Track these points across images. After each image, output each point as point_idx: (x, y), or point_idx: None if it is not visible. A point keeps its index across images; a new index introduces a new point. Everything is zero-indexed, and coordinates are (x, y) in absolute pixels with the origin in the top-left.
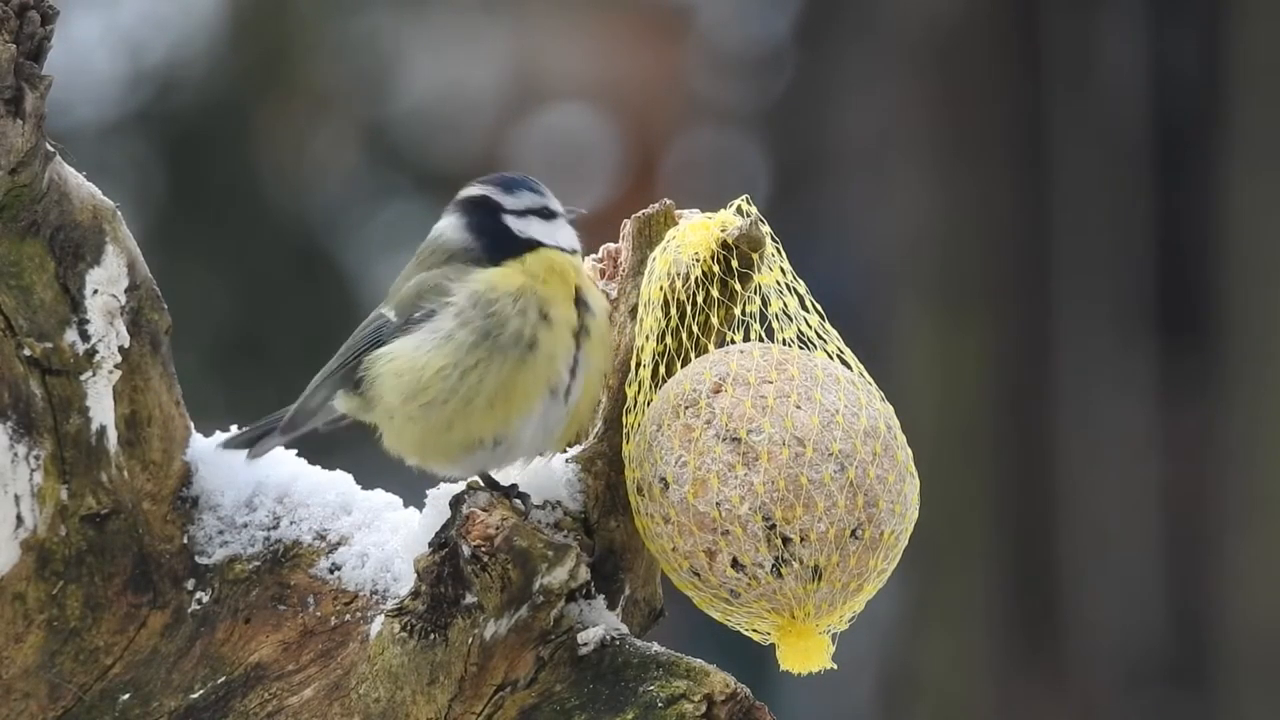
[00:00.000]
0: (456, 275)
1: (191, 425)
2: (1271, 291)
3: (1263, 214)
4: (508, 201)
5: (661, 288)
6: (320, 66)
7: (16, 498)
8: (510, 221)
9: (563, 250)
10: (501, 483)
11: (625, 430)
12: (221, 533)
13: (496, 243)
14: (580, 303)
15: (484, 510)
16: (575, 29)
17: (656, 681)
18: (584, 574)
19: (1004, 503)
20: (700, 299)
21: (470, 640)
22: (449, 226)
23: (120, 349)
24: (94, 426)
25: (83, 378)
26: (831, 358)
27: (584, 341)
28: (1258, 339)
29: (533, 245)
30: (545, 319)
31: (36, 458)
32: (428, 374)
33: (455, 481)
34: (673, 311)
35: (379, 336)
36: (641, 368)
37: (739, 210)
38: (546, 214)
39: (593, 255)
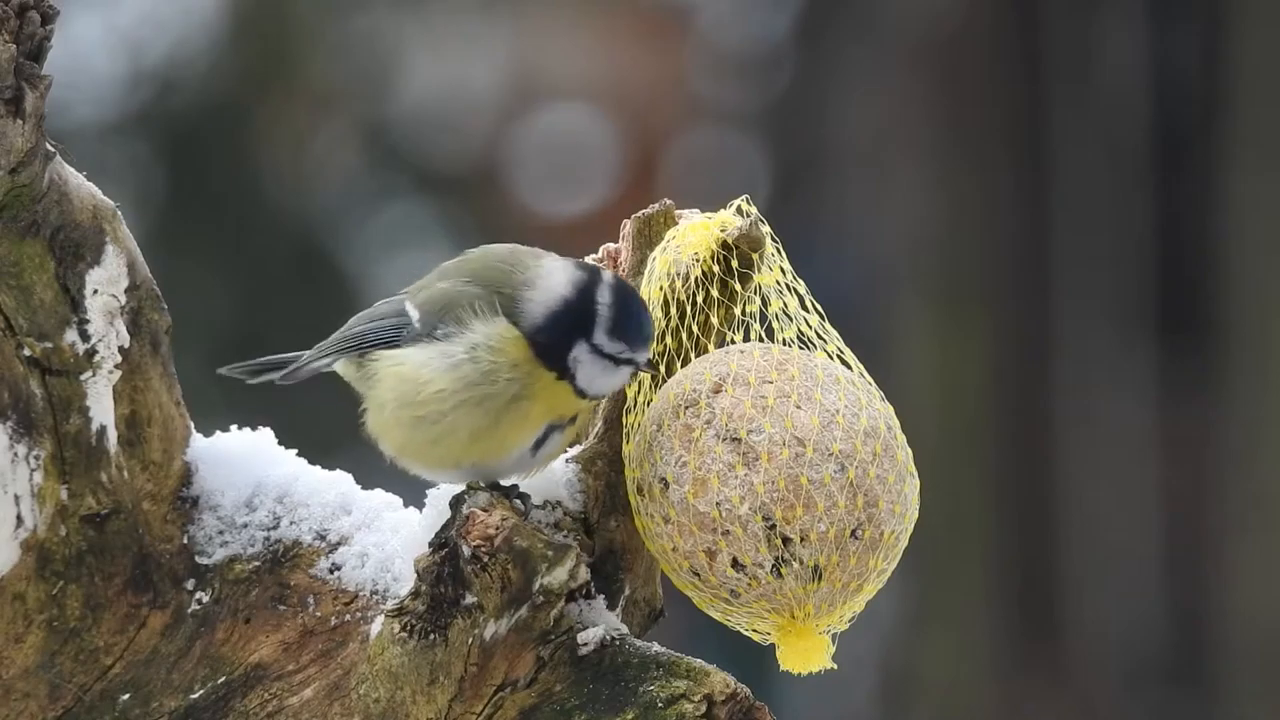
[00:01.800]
0: (487, 311)
1: (191, 425)
2: (1271, 291)
3: (1263, 214)
4: (600, 341)
5: (661, 288)
6: (320, 66)
7: (16, 498)
8: (577, 352)
9: (582, 394)
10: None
11: (625, 430)
12: (221, 533)
13: (549, 346)
14: (558, 427)
15: (484, 510)
16: (575, 29)
17: (656, 681)
18: (584, 574)
19: (1004, 503)
20: (700, 299)
21: (470, 640)
22: (533, 295)
23: (120, 349)
24: (94, 426)
25: (83, 378)
26: (831, 358)
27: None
28: (1258, 339)
29: (563, 374)
30: (514, 399)
31: (36, 458)
32: (427, 391)
33: (455, 481)
34: (673, 311)
35: (397, 337)
36: (656, 356)
37: (739, 210)
38: (620, 362)
39: (593, 255)
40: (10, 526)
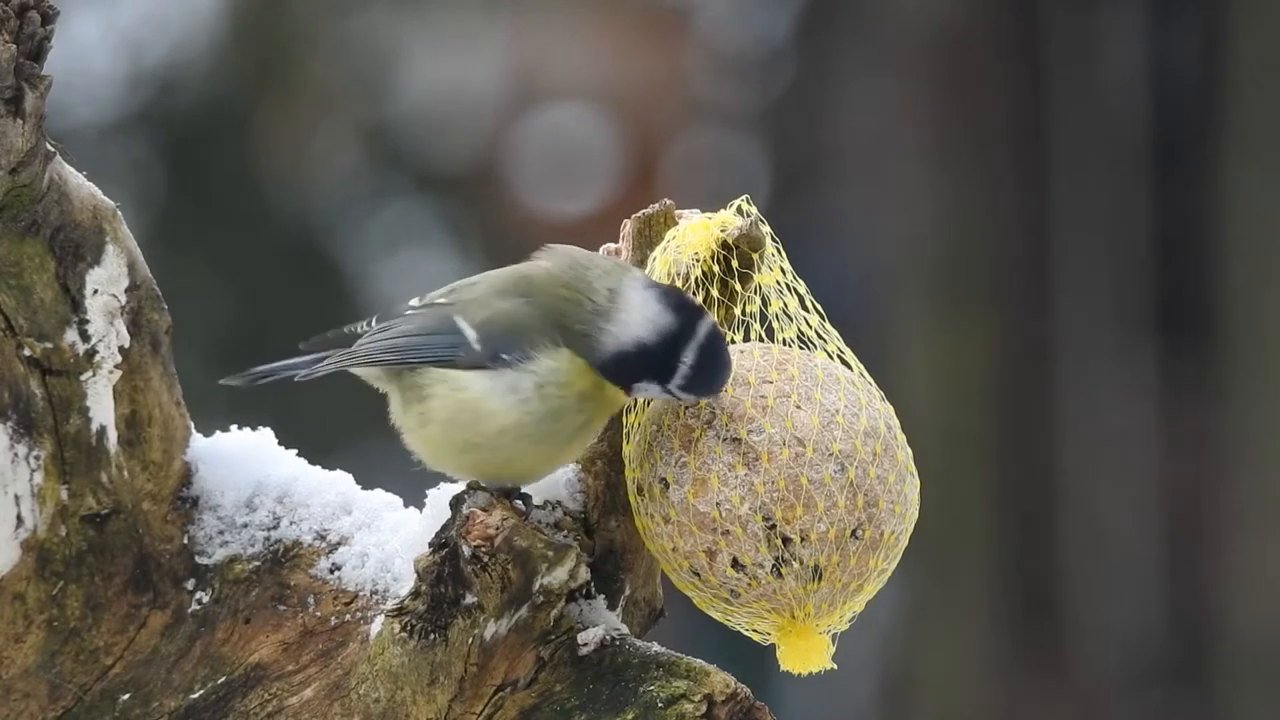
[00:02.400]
0: (551, 339)
1: (191, 425)
2: (1271, 291)
3: (1263, 214)
4: (674, 389)
5: None
6: (320, 66)
7: (16, 498)
8: (644, 383)
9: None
10: None
11: (625, 430)
12: (221, 533)
13: (618, 374)
14: None
15: (484, 510)
16: (575, 29)
17: (656, 681)
18: (584, 574)
19: (1004, 503)
20: (700, 299)
21: (470, 640)
22: (619, 321)
23: (120, 349)
24: (94, 426)
25: (83, 378)
26: (831, 358)
27: None
28: (1258, 339)
29: (628, 390)
30: (585, 425)
31: (36, 458)
32: (489, 426)
33: (455, 481)
34: None
35: (453, 356)
36: None
37: (739, 210)
38: (670, 392)
39: None
40: (10, 526)
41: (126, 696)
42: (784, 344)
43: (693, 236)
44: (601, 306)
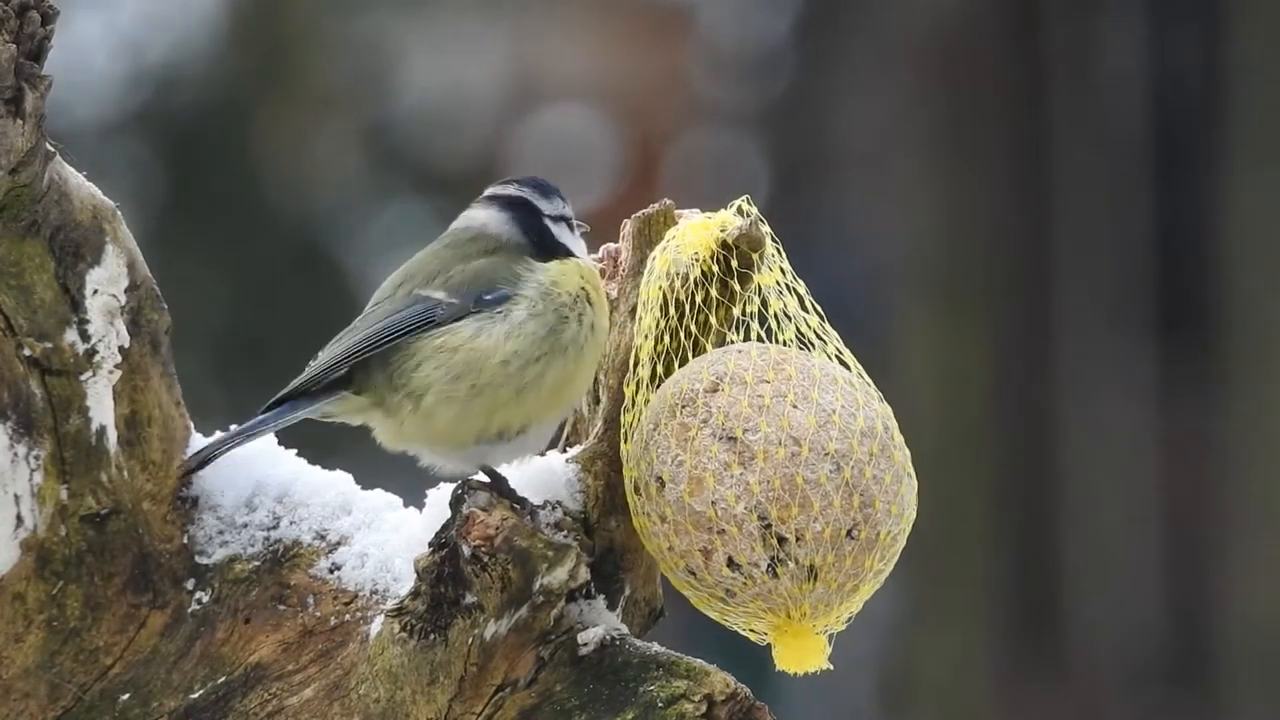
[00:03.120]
0: (520, 266)
1: (191, 425)
2: (1271, 291)
3: (1263, 214)
4: (544, 206)
5: (661, 288)
6: (320, 66)
7: (16, 498)
8: (549, 225)
9: (588, 262)
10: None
11: (623, 429)
12: (221, 533)
13: (542, 243)
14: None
15: (484, 510)
16: (575, 29)
17: (656, 681)
18: (584, 574)
19: (1004, 503)
20: (699, 299)
21: (470, 640)
22: (492, 220)
23: (120, 349)
24: (94, 426)
25: (83, 378)
26: (830, 358)
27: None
28: (1258, 339)
29: (567, 253)
30: (592, 328)
31: (36, 458)
32: (492, 361)
33: (455, 482)
34: (672, 311)
35: (431, 318)
36: (640, 367)
37: (739, 210)
38: (570, 225)
39: (593, 255)
40: (10, 526)
41: (126, 696)
42: (783, 344)
43: (693, 236)
44: (486, 223)
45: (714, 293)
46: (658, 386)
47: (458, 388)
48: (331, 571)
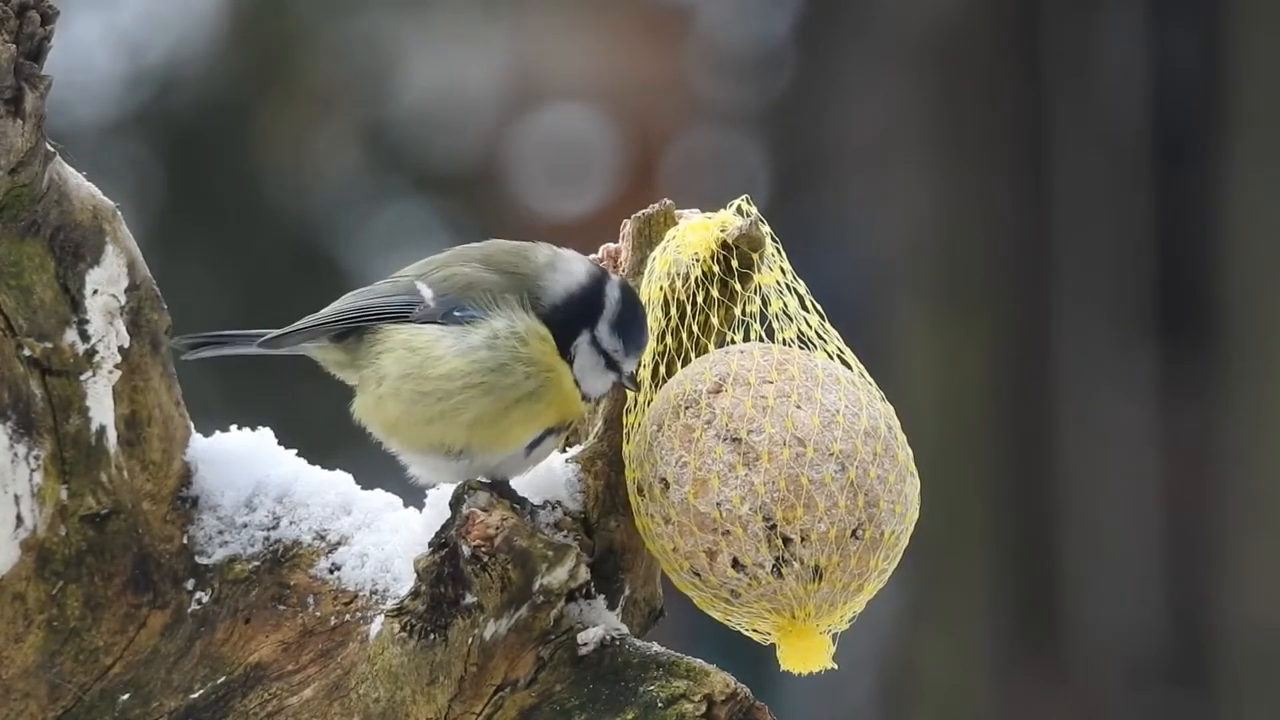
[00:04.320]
0: (509, 301)
1: (191, 425)
2: (1271, 291)
3: (1263, 214)
4: (601, 334)
5: (661, 288)
6: (320, 66)
7: (16, 498)
8: (580, 341)
9: (583, 396)
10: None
11: (625, 430)
12: (221, 533)
13: (561, 334)
14: (555, 431)
15: (484, 510)
16: (575, 29)
17: (656, 681)
18: (584, 574)
19: (1004, 503)
20: (700, 299)
21: (470, 640)
22: (555, 277)
23: (120, 349)
24: (94, 426)
25: (83, 378)
26: (831, 358)
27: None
28: (1258, 339)
29: (569, 363)
30: (533, 397)
31: (36, 458)
32: (435, 370)
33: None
34: (673, 311)
35: (406, 313)
36: (641, 367)
37: (739, 210)
38: (612, 365)
39: (593, 255)
40: (10, 526)
41: (126, 696)
42: (784, 344)
43: (693, 236)
44: (551, 263)
45: (715, 293)
46: (659, 386)
47: (404, 386)
48: (331, 571)
